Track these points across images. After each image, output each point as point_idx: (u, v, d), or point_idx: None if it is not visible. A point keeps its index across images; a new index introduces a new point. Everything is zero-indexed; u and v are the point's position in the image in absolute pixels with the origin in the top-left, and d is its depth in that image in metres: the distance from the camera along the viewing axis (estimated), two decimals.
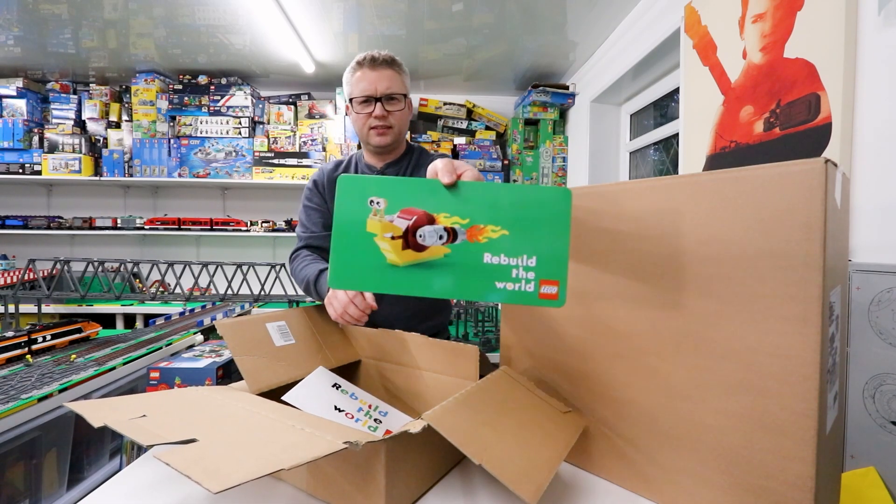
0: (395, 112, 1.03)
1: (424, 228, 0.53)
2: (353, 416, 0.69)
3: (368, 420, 0.69)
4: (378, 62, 1.01)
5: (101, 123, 2.88)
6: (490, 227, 0.53)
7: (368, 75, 1.00)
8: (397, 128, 1.05)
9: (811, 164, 0.41)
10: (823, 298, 0.41)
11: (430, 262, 0.53)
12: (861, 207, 0.93)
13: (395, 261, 0.54)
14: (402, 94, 1.04)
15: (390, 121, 1.03)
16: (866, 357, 0.81)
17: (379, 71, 1.00)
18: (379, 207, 0.54)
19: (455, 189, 0.54)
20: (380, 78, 1.00)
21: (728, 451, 0.47)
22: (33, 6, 1.99)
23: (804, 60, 1.06)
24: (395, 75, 1.03)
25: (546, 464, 0.49)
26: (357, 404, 0.72)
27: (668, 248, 0.52)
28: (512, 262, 0.53)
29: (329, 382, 0.73)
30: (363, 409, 0.71)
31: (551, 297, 0.52)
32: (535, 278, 0.52)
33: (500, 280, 0.53)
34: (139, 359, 1.21)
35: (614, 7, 1.92)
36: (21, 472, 0.90)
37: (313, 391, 0.70)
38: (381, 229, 0.54)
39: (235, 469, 0.37)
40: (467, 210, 0.53)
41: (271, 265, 1.74)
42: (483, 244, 0.53)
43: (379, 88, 1.00)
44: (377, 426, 0.69)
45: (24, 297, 1.80)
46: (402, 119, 1.06)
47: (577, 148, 2.75)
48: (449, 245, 0.53)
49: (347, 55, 2.48)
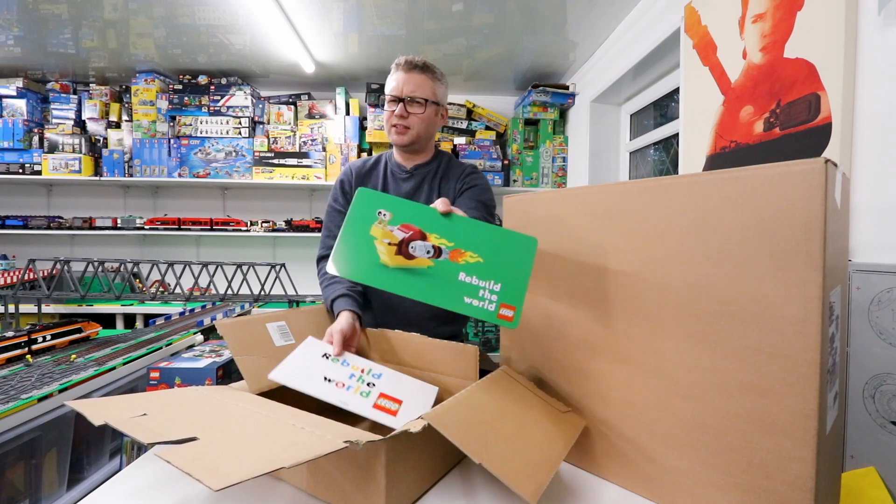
0: (416, 114, 1.06)
1: (417, 242, 0.65)
2: (344, 384, 0.70)
3: (361, 385, 0.70)
4: (411, 66, 1.05)
5: (101, 123, 2.88)
6: (469, 252, 0.64)
7: (400, 77, 1.05)
8: (416, 130, 1.07)
9: (811, 164, 0.41)
10: (823, 298, 0.41)
11: (415, 269, 0.64)
12: (861, 207, 0.93)
13: (387, 262, 0.64)
14: (425, 99, 1.06)
15: (410, 121, 1.06)
16: (866, 357, 0.81)
17: (409, 74, 1.05)
18: (384, 218, 0.66)
19: (448, 218, 0.66)
20: (408, 80, 1.05)
21: (728, 451, 0.47)
22: (33, 6, 1.99)
23: (804, 60, 1.06)
24: (426, 80, 1.06)
25: (546, 463, 0.49)
26: (348, 371, 0.73)
27: (668, 248, 0.52)
28: (481, 283, 0.63)
29: (319, 353, 0.75)
30: (355, 376, 0.72)
31: (507, 319, 0.62)
32: (497, 301, 0.62)
33: (469, 296, 0.63)
34: (139, 359, 1.21)
35: (614, 7, 1.92)
36: (21, 472, 0.90)
37: (300, 365, 0.71)
38: (382, 235, 0.66)
39: (236, 467, 0.37)
40: (454, 236, 0.65)
41: (271, 265, 1.74)
42: (461, 265, 0.64)
43: (405, 90, 1.04)
44: (370, 390, 0.69)
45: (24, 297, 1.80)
46: (424, 122, 1.08)
47: (577, 148, 2.75)
48: (433, 259, 0.64)
49: (347, 55, 2.49)
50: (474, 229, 0.66)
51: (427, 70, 1.06)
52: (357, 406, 0.66)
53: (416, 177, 1.12)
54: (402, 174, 1.13)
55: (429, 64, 1.07)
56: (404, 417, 0.65)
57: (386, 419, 0.65)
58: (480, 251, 0.64)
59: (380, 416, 0.65)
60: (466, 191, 1.10)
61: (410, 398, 0.70)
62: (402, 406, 0.68)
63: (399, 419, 0.65)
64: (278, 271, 1.74)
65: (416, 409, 0.68)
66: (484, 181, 1.14)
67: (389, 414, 0.66)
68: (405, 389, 0.71)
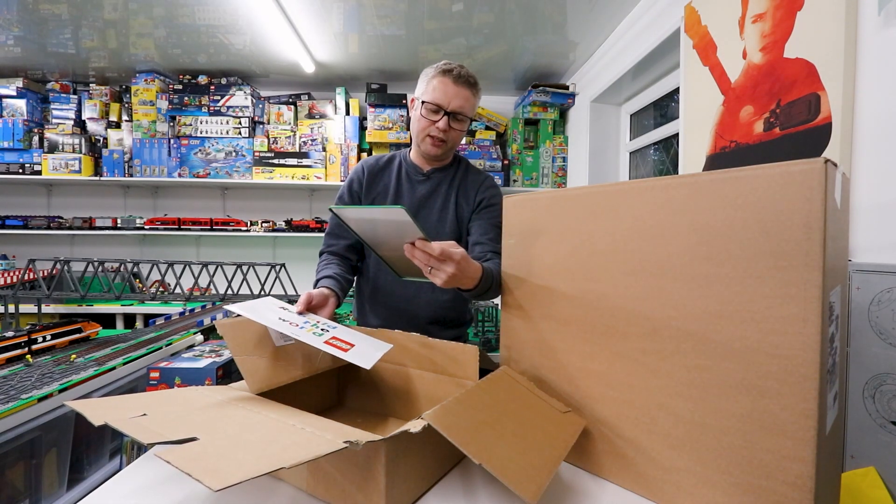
0: (456, 130, 1.05)
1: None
2: (298, 325, 0.71)
3: (315, 329, 0.71)
4: (463, 79, 1.01)
5: (101, 123, 2.88)
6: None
7: (448, 87, 1.01)
8: (451, 143, 1.06)
9: (811, 164, 0.41)
10: (823, 298, 0.41)
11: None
12: (861, 207, 0.93)
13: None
14: (469, 118, 1.05)
15: (449, 136, 1.04)
16: (866, 357, 0.81)
17: (459, 87, 1.01)
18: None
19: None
20: (457, 94, 1.01)
21: (728, 451, 0.47)
22: (33, 6, 1.99)
23: (804, 60, 1.06)
24: (471, 97, 1.04)
25: (546, 464, 0.49)
26: (304, 319, 0.75)
27: (668, 248, 0.52)
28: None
29: (276, 305, 0.77)
30: (310, 322, 0.74)
31: None
32: None
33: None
34: (139, 359, 1.21)
35: (614, 7, 1.92)
36: (21, 472, 0.90)
37: (260, 307, 0.73)
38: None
39: (236, 467, 0.37)
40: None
41: (271, 265, 1.74)
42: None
43: (452, 104, 1.01)
44: (322, 334, 0.70)
45: (24, 297, 1.80)
46: (459, 138, 1.08)
47: (577, 148, 2.75)
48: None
49: (347, 55, 2.48)
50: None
51: (475, 86, 1.04)
52: (309, 339, 0.67)
53: (432, 180, 1.11)
54: (419, 176, 1.11)
55: (477, 80, 1.05)
56: (356, 355, 0.66)
57: (337, 353, 0.65)
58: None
59: (332, 350, 0.65)
60: (485, 210, 1.09)
61: (363, 344, 0.70)
62: (354, 348, 0.68)
63: (350, 354, 0.65)
64: (278, 271, 1.74)
65: (369, 350, 0.68)
66: (500, 197, 1.13)
67: (341, 350, 0.66)
68: (357, 339, 0.72)
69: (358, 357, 0.65)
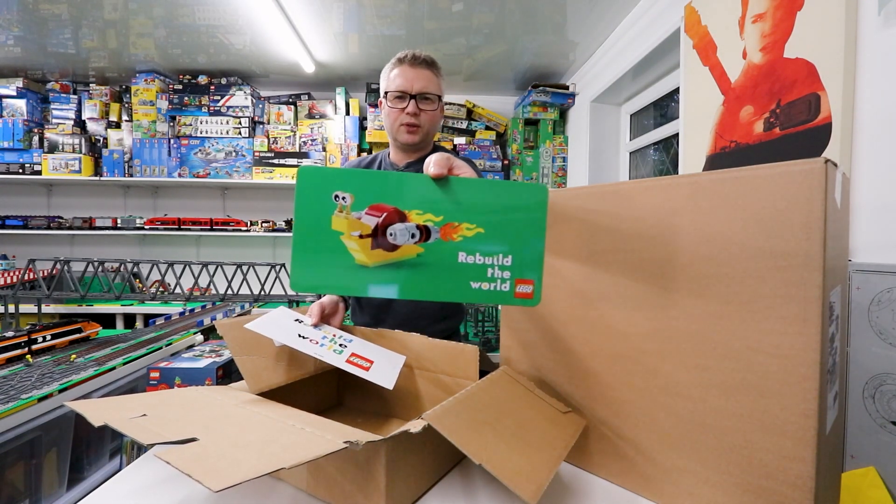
0: (427, 111, 1.04)
1: (395, 226, 0.50)
2: (317, 341, 0.70)
3: (334, 345, 0.70)
4: (418, 61, 1.02)
5: (101, 123, 2.88)
6: (465, 224, 0.51)
7: (407, 72, 1.01)
8: (426, 128, 1.05)
9: (811, 164, 0.41)
10: (823, 298, 0.41)
11: (401, 261, 0.51)
12: (861, 207, 0.93)
13: (365, 261, 0.50)
14: (437, 96, 1.04)
15: (421, 119, 1.03)
16: (866, 357, 0.81)
17: (417, 69, 1.01)
18: (345, 203, 0.50)
19: (430, 185, 0.51)
20: (417, 76, 1.01)
21: (728, 451, 0.47)
22: (33, 6, 1.99)
23: (804, 60, 1.06)
24: (433, 76, 1.04)
25: (546, 464, 0.49)
26: (321, 333, 0.74)
27: (668, 248, 0.52)
28: (487, 261, 0.51)
29: (293, 317, 0.75)
30: (327, 337, 0.73)
31: (527, 297, 0.52)
32: (511, 278, 0.51)
33: (476, 280, 0.51)
34: (139, 359, 1.21)
35: (614, 7, 1.92)
36: (21, 472, 0.90)
37: (276, 322, 0.72)
38: (348, 227, 0.50)
39: (236, 468, 0.37)
40: (441, 207, 0.51)
41: (271, 265, 1.74)
42: (457, 243, 0.51)
43: (415, 86, 1.01)
44: (342, 350, 0.70)
45: (24, 297, 1.80)
46: (433, 120, 1.06)
47: (577, 148, 2.75)
48: (422, 244, 0.51)
49: (347, 55, 2.49)
50: (464, 193, 0.51)
51: (434, 66, 1.04)
52: (331, 359, 0.66)
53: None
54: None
55: (434, 59, 1.05)
56: (377, 374, 0.66)
57: (360, 373, 0.65)
58: (478, 220, 0.51)
59: (353, 370, 0.65)
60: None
61: (381, 359, 0.71)
62: (374, 365, 0.68)
63: (371, 374, 0.66)
64: (278, 271, 1.74)
65: (387, 367, 0.69)
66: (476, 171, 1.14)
67: (362, 370, 0.66)
68: (375, 354, 0.72)
69: (379, 376, 0.65)
